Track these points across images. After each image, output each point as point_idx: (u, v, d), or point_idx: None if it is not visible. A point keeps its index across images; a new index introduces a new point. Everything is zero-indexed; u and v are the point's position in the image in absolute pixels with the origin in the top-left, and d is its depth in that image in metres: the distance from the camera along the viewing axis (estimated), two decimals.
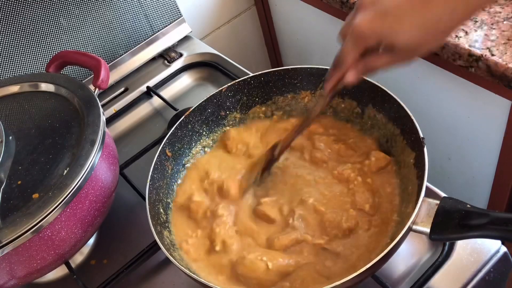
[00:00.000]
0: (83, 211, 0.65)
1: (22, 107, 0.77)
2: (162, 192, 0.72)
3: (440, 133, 1.00)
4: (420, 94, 0.99)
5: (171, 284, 0.72)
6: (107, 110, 1.00)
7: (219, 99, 0.80)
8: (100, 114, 0.70)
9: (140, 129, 0.99)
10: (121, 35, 1.02)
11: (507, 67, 0.76)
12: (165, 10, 1.06)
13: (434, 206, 0.57)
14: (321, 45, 1.21)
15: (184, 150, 0.78)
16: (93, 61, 0.80)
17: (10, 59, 0.90)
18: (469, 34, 0.83)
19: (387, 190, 0.68)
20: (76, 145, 0.67)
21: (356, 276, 0.53)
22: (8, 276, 0.63)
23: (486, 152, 0.93)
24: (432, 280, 0.63)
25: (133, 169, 0.85)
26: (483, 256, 0.64)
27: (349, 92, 0.76)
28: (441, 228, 0.56)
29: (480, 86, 0.84)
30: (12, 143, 0.69)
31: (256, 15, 1.35)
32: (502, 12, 0.85)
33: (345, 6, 0.98)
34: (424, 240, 0.68)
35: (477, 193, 1.02)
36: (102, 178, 0.68)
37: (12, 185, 0.64)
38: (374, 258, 0.53)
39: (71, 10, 0.94)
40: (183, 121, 0.77)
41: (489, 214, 0.53)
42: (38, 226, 0.60)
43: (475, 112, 0.90)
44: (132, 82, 1.05)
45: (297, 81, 0.80)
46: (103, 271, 0.74)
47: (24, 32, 0.90)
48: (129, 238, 0.79)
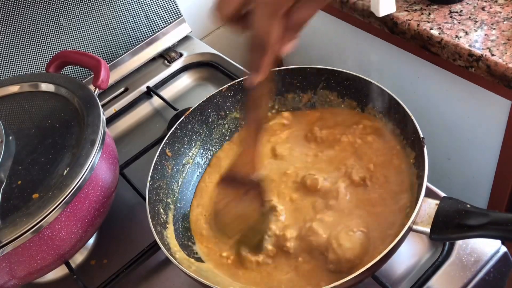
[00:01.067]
0: (83, 211, 0.65)
1: (22, 107, 0.77)
2: (162, 192, 0.72)
3: (440, 133, 1.00)
4: (420, 94, 0.99)
5: (171, 284, 0.72)
6: (107, 110, 1.00)
7: (219, 99, 0.80)
8: (100, 114, 0.70)
9: (140, 129, 0.98)
10: (121, 35, 1.02)
11: (507, 67, 0.76)
12: (165, 10, 1.06)
13: (434, 206, 0.57)
14: (321, 45, 1.21)
15: (184, 150, 0.78)
16: (93, 61, 0.80)
17: (10, 59, 0.90)
18: (469, 34, 0.83)
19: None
20: (76, 145, 0.67)
21: (356, 276, 0.53)
22: (8, 276, 0.63)
23: (486, 152, 0.93)
24: (432, 280, 0.63)
25: (133, 169, 0.85)
26: (483, 256, 0.64)
27: (349, 92, 0.76)
28: (441, 228, 0.56)
29: (480, 86, 0.84)
30: (12, 143, 0.69)
31: None
32: (502, 12, 0.85)
33: (345, 6, 0.98)
34: (424, 240, 0.68)
35: (477, 193, 1.02)
36: (102, 178, 0.68)
37: (12, 185, 0.64)
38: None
39: (71, 10, 0.94)
40: (183, 121, 0.77)
41: (489, 214, 0.53)
42: (38, 226, 0.60)
43: (475, 112, 0.90)
44: (132, 82, 1.05)
45: (297, 81, 0.80)
46: (103, 271, 0.74)
47: (24, 32, 0.90)
48: (129, 238, 0.79)
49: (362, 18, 0.96)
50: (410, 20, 0.88)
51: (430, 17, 0.87)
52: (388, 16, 0.90)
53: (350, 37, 1.07)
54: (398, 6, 0.90)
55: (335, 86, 0.77)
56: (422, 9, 0.90)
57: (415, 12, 0.89)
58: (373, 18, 0.93)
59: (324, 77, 0.78)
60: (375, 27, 0.95)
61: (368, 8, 0.92)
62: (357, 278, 0.53)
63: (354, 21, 1.01)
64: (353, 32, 1.04)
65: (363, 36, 1.02)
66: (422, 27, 0.86)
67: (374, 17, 0.92)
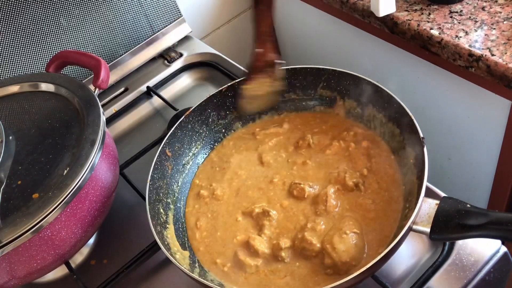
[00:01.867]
0: (83, 211, 0.65)
1: (22, 107, 0.77)
2: (162, 192, 0.72)
3: (440, 133, 1.00)
4: (420, 94, 0.99)
5: (171, 284, 0.72)
6: (107, 110, 1.00)
7: (219, 99, 0.80)
8: (100, 114, 0.70)
9: (140, 129, 0.98)
10: (121, 35, 1.02)
11: (507, 67, 0.76)
12: (165, 10, 1.06)
13: (434, 206, 0.57)
14: (321, 45, 1.21)
15: (184, 150, 0.78)
16: (93, 61, 0.80)
17: (10, 59, 0.90)
18: (469, 34, 0.83)
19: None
20: (76, 145, 0.67)
21: (356, 276, 0.53)
22: (8, 276, 0.63)
23: (486, 152, 0.93)
24: (432, 280, 0.63)
25: (133, 169, 0.85)
26: (483, 256, 0.64)
27: (349, 92, 0.76)
28: (441, 228, 0.56)
29: (480, 86, 0.84)
30: (12, 143, 0.69)
31: None
32: (502, 12, 0.85)
33: (345, 6, 0.98)
34: (424, 240, 0.68)
35: (477, 193, 1.02)
36: (102, 178, 0.68)
37: (12, 185, 0.64)
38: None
39: (71, 10, 0.94)
40: (183, 121, 0.77)
41: (489, 214, 0.53)
42: (38, 226, 0.60)
43: (475, 112, 0.90)
44: (132, 82, 1.05)
45: (297, 81, 0.80)
46: (103, 271, 0.74)
47: (24, 32, 0.90)
48: (129, 238, 0.79)
49: (362, 18, 0.96)
50: (410, 20, 0.88)
51: (430, 17, 0.87)
52: (388, 16, 0.90)
53: (350, 37, 1.07)
54: (398, 6, 0.90)
55: (335, 86, 0.77)
56: (422, 9, 0.90)
57: (415, 12, 0.89)
58: (373, 18, 0.93)
59: (324, 77, 0.78)
60: (375, 27, 0.95)
61: (368, 8, 0.92)
62: (357, 278, 0.53)
63: (354, 21, 1.01)
64: (353, 32, 1.04)
65: (363, 36, 1.02)
66: (422, 27, 0.86)
67: (374, 17, 0.92)
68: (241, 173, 0.76)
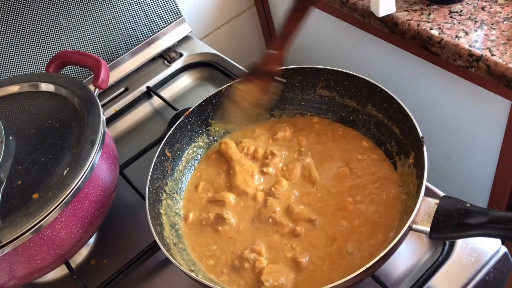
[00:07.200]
0: (83, 211, 0.65)
1: (22, 107, 0.77)
2: (162, 193, 0.72)
3: (440, 133, 1.00)
4: (420, 94, 0.99)
5: (171, 284, 0.72)
6: (107, 110, 1.00)
7: (219, 99, 0.80)
8: (100, 114, 0.70)
9: (140, 129, 0.99)
10: (121, 35, 1.02)
11: (507, 67, 0.76)
12: (165, 10, 1.06)
13: (433, 205, 0.57)
14: (321, 45, 1.21)
15: (183, 150, 0.78)
16: (93, 61, 0.80)
17: (10, 59, 0.90)
18: (469, 34, 0.83)
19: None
20: (76, 145, 0.67)
21: (355, 276, 0.53)
22: (8, 276, 0.63)
23: (486, 152, 0.93)
24: (432, 280, 0.63)
25: (133, 169, 0.85)
26: (483, 256, 0.64)
27: (349, 92, 0.76)
28: (441, 227, 0.56)
29: (480, 86, 0.84)
30: (12, 143, 0.69)
31: (256, 15, 1.35)
32: (502, 12, 0.85)
33: (345, 6, 0.98)
34: (424, 240, 0.68)
35: (477, 193, 1.02)
36: (102, 178, 0.68)
37: (12, 185, 0.64)
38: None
39: (71, 10, 0.94)
40: (183, 121, 0.77)
41: (489, 213, 0.53)
42: (38, 226, 0.60)
43: (475, 112, 0.90)
44: (132, 82, 1.05)
45: (296, 81, 0.80)
46: (103, 271, 0.74)
47: (24, 32, 0.90)
48: (129, 238, 0.79)
49: (362, 18, 0.96)
50: (410, 20, 0.88)
51: (430, 17, 0.87)
52: (388, 16, 0.90)
53: (350, 37, 1.07)
54: (398, 6, 0.90)
55: (335, 86, 0.77)
56: (422, 9, 0.90)
57: (415, 12, 0.89)
58: (373, 18, 0.93)
59: (324, 77, 0.78)
60: (375, 27, 0.95)
61: (368, 8, 0.92)
62: (357, 278, 0.53)
63: (354, 21, 1.01)
64: (353, 32, 1.04)
65: (363, 36, 1.02)
66: (422, 27, 0.86)
67: (374, 17, 0.92)
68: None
